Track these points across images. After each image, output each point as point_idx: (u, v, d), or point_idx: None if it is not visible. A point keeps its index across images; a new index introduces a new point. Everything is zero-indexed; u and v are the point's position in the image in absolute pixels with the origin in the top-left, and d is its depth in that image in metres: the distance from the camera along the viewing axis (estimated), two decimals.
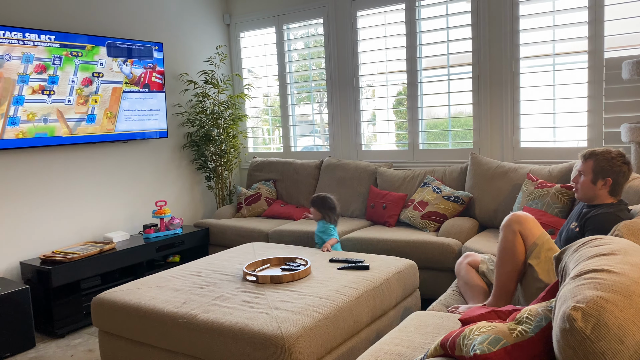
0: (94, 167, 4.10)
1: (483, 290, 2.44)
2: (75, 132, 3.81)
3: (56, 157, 3.84)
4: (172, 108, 4.76)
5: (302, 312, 2.20)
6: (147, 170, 4.54)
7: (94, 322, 2.67)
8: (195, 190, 5.03)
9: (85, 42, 3.82)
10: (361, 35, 4.54)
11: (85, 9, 4.00)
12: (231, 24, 5.32)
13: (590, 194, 2.32)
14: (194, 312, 2.30)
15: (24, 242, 3.64)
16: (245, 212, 4.61)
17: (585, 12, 3.51)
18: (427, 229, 3.67)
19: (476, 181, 3.71)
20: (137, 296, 2.57)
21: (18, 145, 3.48)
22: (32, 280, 3.41)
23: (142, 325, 2.42)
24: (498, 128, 3.96)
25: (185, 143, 4.89)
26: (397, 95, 4.46)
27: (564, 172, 3.38)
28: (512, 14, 3.79)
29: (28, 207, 3.67)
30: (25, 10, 3.62)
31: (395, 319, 2.72)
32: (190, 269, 2.96)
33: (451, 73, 4.11)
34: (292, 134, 5.10)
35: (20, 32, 3.44)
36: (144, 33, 4.47)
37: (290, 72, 5.02)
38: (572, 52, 3.65)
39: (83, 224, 4.02)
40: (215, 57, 5.19)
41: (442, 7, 4.10)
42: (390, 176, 4.17)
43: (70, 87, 3.76)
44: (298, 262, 2.91)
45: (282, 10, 4.94)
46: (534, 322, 1.50)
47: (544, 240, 2.21)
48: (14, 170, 3.58)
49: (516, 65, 3.83)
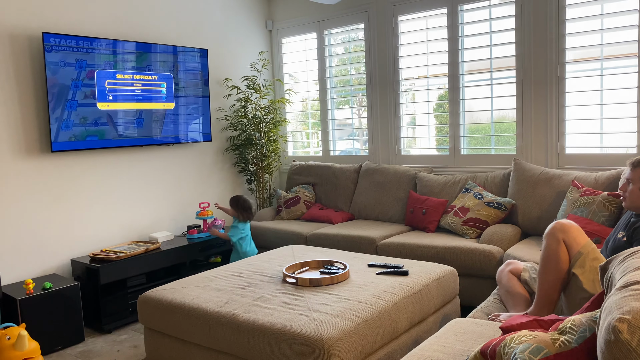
0: (140, 169, 4.25)
1: (525, 299, 2.41)
2: (124, 135, 3.97)
3: (105, 159, 4.00)
4: (215, 112, 4.88)
5: (341, 315, 2.22)
6: (191, 173, 4.67)
7: (140, 319, 2.77)
8: (236, 192, 5.13)
9: (133, 48, 3.97)
10: (402, 40, 4.54)
11: (133, 17, 4.16)
12: (273, 29, 5.41)
13: (638, 202, 2.26)
14: (235, 312, 2.36)
15: (74, 240, 3.81)
16: (285, 215, 4.67)
17: (636, 15, 3.41)
18: (468, 235, 3.63)
19: (519, 187, 3.65)
20: (181, 295, 2.65)
21: (71, 147, 3.65)
22: (82, 277, 3.56)
23: (186, 323, 2.50)
24: (542, 134, 3.88)
25: (227, 147, 5.00)
26: (437, 100, 4.43)
27: (611, 180, 3.29)
28: (557, 18, 3.71)
29: (79, 207, 3.84)
30: (77, 18, 3.79)
31: (435, 325, 2.71)
32: (232, 270, 3.04)
33: (494, 77, 4.05)
34: (332, 138, 5.14)
35: (74, 40, 3.61)
36: (190, 39, 4.61)
37: (331, 76, 5.07)
38: (620, 56, 3.54)
39: (130, 223, 4.17)
40: (258, 62, 5.29)
41: (486, 12, 4.05)
42: (430, 181, 4.15)
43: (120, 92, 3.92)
44: (337, 265, 2.93)
45: (323, 16, 4.99)
46: (578, 332, 1.47)
47: (589, 249, 2.16)
48: (66, 171, 3.76)
49: (562, 69, 3.75)
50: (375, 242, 3.72)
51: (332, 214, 4.45)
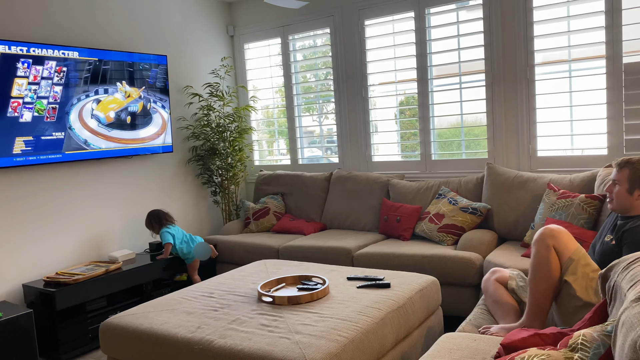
0: (98, 183, 3.97)
1: (514, 309, 2.32)
2: (77, 148, 3.70)
3: (58, 174, 3.71)
4: (176, 122, 4.65)
5: (326, 336, 2.07)
6: (152, 186, 4.42)
7: (103, 349, 2.53)
8: (201, 205, 4.90)
9: (85, 55, 3.72)
10: (369, 45, 4.44)
11: (84, 22, 3.90)
12: (235, 35, 5.23)
13: (626, 204, 2.21)
14: (210, 338, 2.17)
15: (26, 263, 3.51)
16: (254, 228, 4.48)
17: (602, 16, 3.42)
18: (444, 242, 3.54)
19: (494, 192, 3.60)
20: (148, 321, 2.44)
21: (19, 163, 3.36)
22: (36, 304, 3.27)
23: (155, 352, 2.29)
24: (513, 137, 3.85)
25: (190, 157, 4.77)
26: (405, 106, 4.35)
27: (586, 182, 3.27)
28: (525, 20, 3.69)
29: (30, 226, 3.54)
30: (25, 23, 3.52)
31: (420, 339, 2.59)
32: (202, 290, 2.83)
33: (463, 81, 4.01)
34: (300, 146, 4.99)
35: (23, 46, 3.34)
36: (148, 46, 4.37)
37: (297, 83, 4.92)
38: (589, 58, 3.55)
39: (87, 242, 3.89)
40: (220, 69, 5.09)
41: (453, 15, 4.00)
42: (403, 188, 4.05)
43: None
44: (315, 280, 2.78)
45: (287, 21, 4.85)
46: (592, 349, 1.37)
47: (580, 255, 2.09)
48: (15, 189, 3.46)
49: (531, 72, 3.73)
50: (351, 252, 3.58)
51: (303, 224, 4.29)
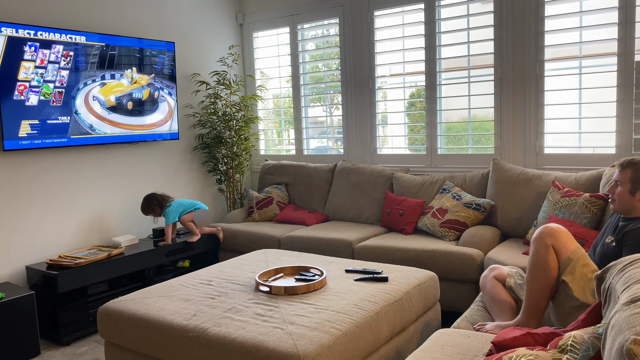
0: (103, 168, 4.00)
1: (510, 307, 2.30)
2: (84, 132, 3.71)
3: (64, 159, 3.74)
4: (183, 109, 4.66)
5: (319, 328, 2.07)
6: (157, 173, 4.44)
7: (100, 333, 2.56)
8: (205, 193, 4.92)
9: (93, 40, 3.72)
10: (378, 36, 4.40)
11: (90, 5, 3.90)
12: (244, 23, 5.21)
13: (628, 205, 2.17)
14: (204, 326, 2.18)
15: (30, 245, 3.55)
16: (257, 217, 4.49)
17: (615, 12, 3.35)
18: (446, 237, 3.52)
19: (498, 188, 3.56)
20: (145, 306, 2.45)
21: (25, 147, 3.39)
22: (38, 286, 3.31)
23: (150, 338, 2.31)
24: (521, 133, 3.80)
25: (196, 145, 4.78)
26: (414, 98, 4.31)
27: (591, 180, 3.22)
28: (537, 15, 3.63)
29: (34, 209, 3.57)
30: (32, 6, 3.53)
31: (416, 334, 2.58)
32: (201, 277, 2.84)
33: (472, 75, 3.96)
34: (305, 137, 4.98)
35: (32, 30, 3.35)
36: (156, 32, 4.37)
37: (304, 73, 4.90)
38: (600, 55, 3.49)
39: (91, 227, 3.92)
40: (228, 57, 5.08)
41: (463, 7, 3.95)
42: (407, 181, 4.03)
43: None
44: (313, 271, 2.77)
45: (296, 10, 4.81)
46: (580, 351, 1.36)
47: (579, 255, 2.07)
48: (20, 171, 3.49)
49: (541, 67, 3.67)
50: (352, 245, 3.58)
51: (306, 215, 4.29)
